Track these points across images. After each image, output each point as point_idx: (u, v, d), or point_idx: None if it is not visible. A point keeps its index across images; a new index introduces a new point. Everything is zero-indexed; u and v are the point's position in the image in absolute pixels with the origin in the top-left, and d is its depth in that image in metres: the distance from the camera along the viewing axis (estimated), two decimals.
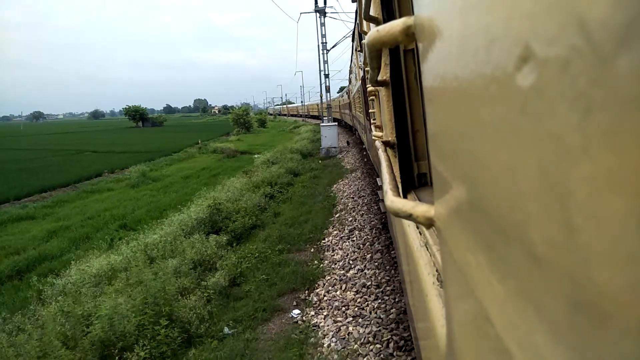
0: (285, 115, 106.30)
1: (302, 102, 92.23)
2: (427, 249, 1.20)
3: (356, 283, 5.67)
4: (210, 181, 16.13)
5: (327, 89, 25.30)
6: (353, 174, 13.88)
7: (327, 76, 25.15)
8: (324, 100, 25.87)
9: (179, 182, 17.88)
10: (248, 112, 56.69)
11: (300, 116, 78.54)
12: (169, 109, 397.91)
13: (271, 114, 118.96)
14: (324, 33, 24.00)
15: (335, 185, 12.48)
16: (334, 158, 19.05)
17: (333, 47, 24.88)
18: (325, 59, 24.61)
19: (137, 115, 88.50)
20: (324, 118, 25.26)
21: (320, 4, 24.08)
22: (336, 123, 21.32)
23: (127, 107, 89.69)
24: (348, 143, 23.31)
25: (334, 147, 20.50)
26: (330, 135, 20.70)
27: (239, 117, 54.08)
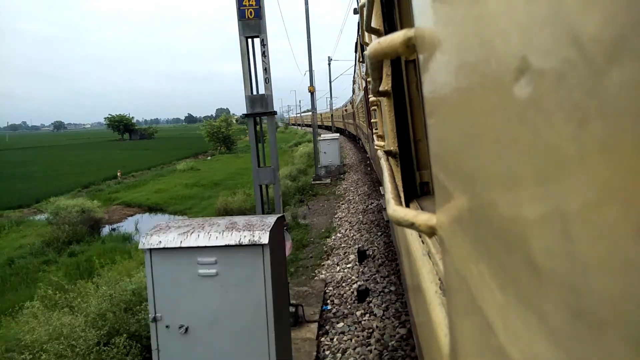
0: (294, 125, 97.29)
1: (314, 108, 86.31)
2: (430, 258, 1.20)
3: None
4: None
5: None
6: None
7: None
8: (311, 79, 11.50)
9: None
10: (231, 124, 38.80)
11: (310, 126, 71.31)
12: (190, 118, 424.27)
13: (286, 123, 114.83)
14: None
15: None
16: None
17: None
18: None
19: (121, 126, 76.76)
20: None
21: None
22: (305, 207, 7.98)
23: (110, 116, 76.41)
24: (362, 256, 7.18)
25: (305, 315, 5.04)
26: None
27: (216, 131, 38.24)
